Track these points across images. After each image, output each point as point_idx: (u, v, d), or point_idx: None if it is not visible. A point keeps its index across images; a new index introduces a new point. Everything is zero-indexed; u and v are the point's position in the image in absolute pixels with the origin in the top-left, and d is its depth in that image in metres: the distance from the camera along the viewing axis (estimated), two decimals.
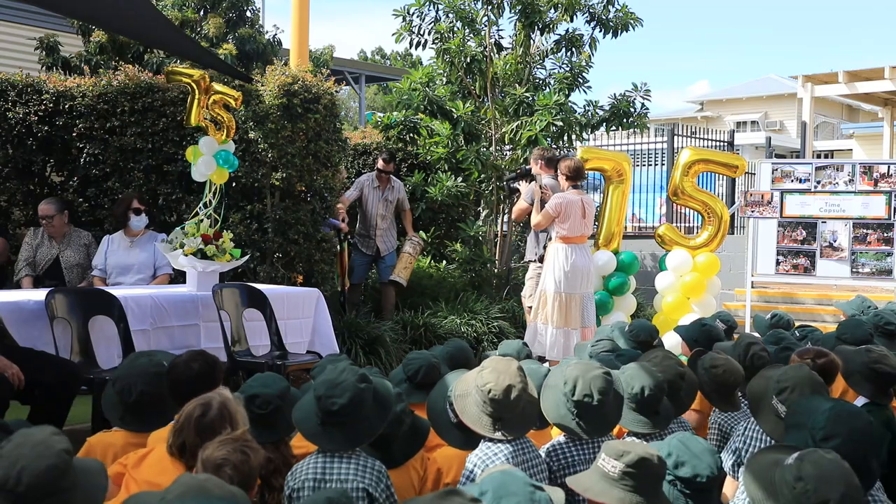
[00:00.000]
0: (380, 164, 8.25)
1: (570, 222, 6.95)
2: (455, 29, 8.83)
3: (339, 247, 7.58)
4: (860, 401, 3.76)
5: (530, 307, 7.28)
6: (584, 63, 9.03)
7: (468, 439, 3.09)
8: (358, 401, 2.83)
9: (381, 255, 8.29)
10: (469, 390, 3.09)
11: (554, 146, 8.64)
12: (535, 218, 7.13)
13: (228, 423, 2.76)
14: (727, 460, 3.33)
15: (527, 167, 7.63)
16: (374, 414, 2.90)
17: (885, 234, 8.31)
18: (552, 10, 8.90)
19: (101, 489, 2.31)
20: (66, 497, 2.18)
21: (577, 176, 7.07)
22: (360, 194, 8.25)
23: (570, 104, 8.75)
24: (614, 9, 8.97)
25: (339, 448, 2.83)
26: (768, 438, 3.26)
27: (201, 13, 10.03)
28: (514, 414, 3.02)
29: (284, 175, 6.84)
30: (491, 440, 3.01)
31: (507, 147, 8.95)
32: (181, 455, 2.75)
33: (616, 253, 8.01)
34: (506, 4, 8.95)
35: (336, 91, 7.28)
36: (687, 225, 12.78)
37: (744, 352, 4.13)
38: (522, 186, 7.50)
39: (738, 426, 3.58)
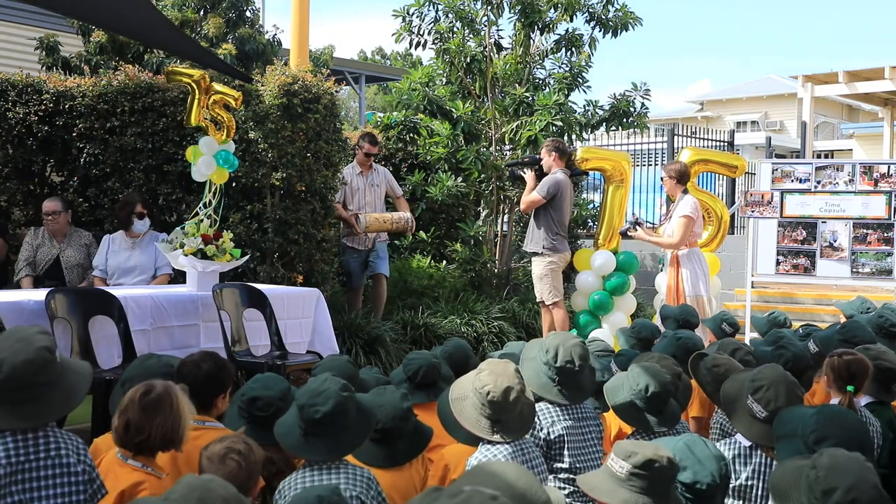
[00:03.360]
0: (367, 147, 7.85)
1: (699, 225, 7.05)
2: (455, 29, 8.81)
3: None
4: (864, 399, 3.76)
5: (550, 305, 7.27)
6: (583, 63, 9.01)
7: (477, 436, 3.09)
8: (341, 409, 2.83)
9: (373, 247, 7.91)
10: (466, 393, 3.09)
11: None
12: (671, 241, 6.97)
13: (174, 407, 2.77)
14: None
15: (536, 156, 7.59)
16: (357, 424, 2.90)
17: (886, 234, 8.30)
18: (552, 10, 8.88)
19: (81, 389, 2.52)
20: (42, 390, 2.40)
21: (686, 178, 7.19)
22: (344, 190, 7.76)
23: (569, 104, 8.72)
24: (614, 8, 8.94)
25: (324, 458, 2.82)
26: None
27: (201, 13, 10.01)
28: (513, 416, 3.02)
29: (284, 175, 6.83)
30: (489, 442, 3.01)
31: (507, 147, 8.94)
32: (125, 436, 2.73)
33: (616, 253, 7.98)
34: (505, 4, 8.93)
35: (336, 91, 7.26)
36: None
37: (730, 356, 4.05)
38: (528, 176, 7.47)
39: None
